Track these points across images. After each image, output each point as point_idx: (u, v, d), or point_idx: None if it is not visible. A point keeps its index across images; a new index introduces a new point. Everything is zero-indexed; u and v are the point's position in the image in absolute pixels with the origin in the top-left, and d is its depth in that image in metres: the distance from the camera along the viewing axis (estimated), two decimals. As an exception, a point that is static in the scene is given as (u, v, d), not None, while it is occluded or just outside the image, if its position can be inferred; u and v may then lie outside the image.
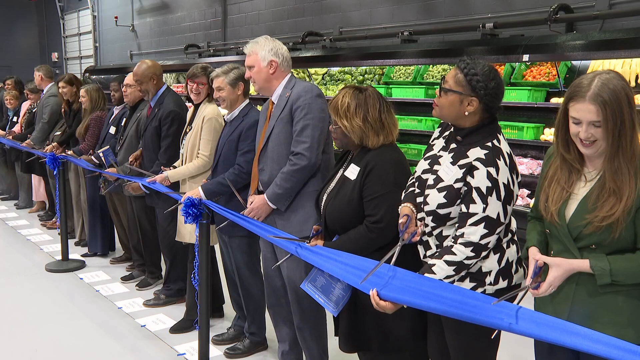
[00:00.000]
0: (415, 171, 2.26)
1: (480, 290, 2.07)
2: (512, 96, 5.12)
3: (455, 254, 2.01)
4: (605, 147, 1.77)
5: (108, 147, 4.65)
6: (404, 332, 2.35)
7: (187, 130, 3.83)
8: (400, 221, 2.18)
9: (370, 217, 2.34)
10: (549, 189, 1.92)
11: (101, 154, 4.60)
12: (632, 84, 4.62)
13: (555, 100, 4.99)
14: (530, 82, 5.22)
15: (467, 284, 2.07)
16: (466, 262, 2.01)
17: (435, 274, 2.01)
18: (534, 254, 1.92)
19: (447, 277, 2.01)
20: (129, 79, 4.56)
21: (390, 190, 2.33)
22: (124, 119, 4.77)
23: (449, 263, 2.01)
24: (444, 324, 2.20)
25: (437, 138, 2.28)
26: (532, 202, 4.40)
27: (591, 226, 1.78)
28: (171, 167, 3.85)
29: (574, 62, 5.11)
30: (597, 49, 4.46)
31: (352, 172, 2.41)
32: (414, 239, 2.17)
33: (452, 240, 2.05)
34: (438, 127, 2.32)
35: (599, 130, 1.75)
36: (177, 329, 3.87)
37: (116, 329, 3.94)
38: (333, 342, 3.08)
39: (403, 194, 2.31)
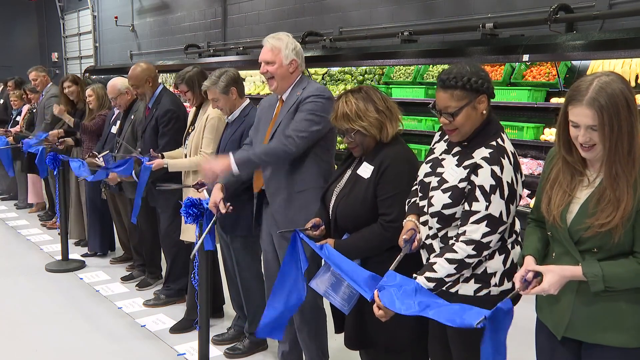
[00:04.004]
0: (417, 176, 2.26)
1: (485, 291, 2.06)
2: (512, 96, 5.12)
3: (456, 252, 2.01)
4: (603, 152, 1.76)
5: (108, 151, 4.66)
6: (408, 331, 2.35)
7: (190, 130, 3.83)
8: (403, 237, 2.17)
9: (385, 216, 2.33)
10: (551, 191, 1.89)
11: (101, 158, 4.61)
12: (632, 84, 4.61)
13: (555, 100, 4.99)
14: (530, 82, 5.22)
15: (472, 285, 2.06)
16: (467, 260, 2.00)
17: (436, 272, 2.01)
18: (528, 264, 1.88)
19: (449, 275, 2.01)
20: (110, 92, 4.57)
21: (405, 189, 2.33)
22: (118, 121, 4.79)
23: (449, 261, 2.01)
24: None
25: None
26: (532, 202, 4.40)
27: (591, 230, 1.76)
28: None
29: (574, 62, 5.11)
30: (597, 49, 4.46)
31: (366, 170, 2.41)
32: (413, 246, 2.17)
33: (454, 238, 2.05)
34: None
35: (596, 134, 1.73)
36: (177, 329, 3.87)
37: (116, 329, 3.94)
38: (333, 342, 3.08)
39: (406, 205, 2.30)
